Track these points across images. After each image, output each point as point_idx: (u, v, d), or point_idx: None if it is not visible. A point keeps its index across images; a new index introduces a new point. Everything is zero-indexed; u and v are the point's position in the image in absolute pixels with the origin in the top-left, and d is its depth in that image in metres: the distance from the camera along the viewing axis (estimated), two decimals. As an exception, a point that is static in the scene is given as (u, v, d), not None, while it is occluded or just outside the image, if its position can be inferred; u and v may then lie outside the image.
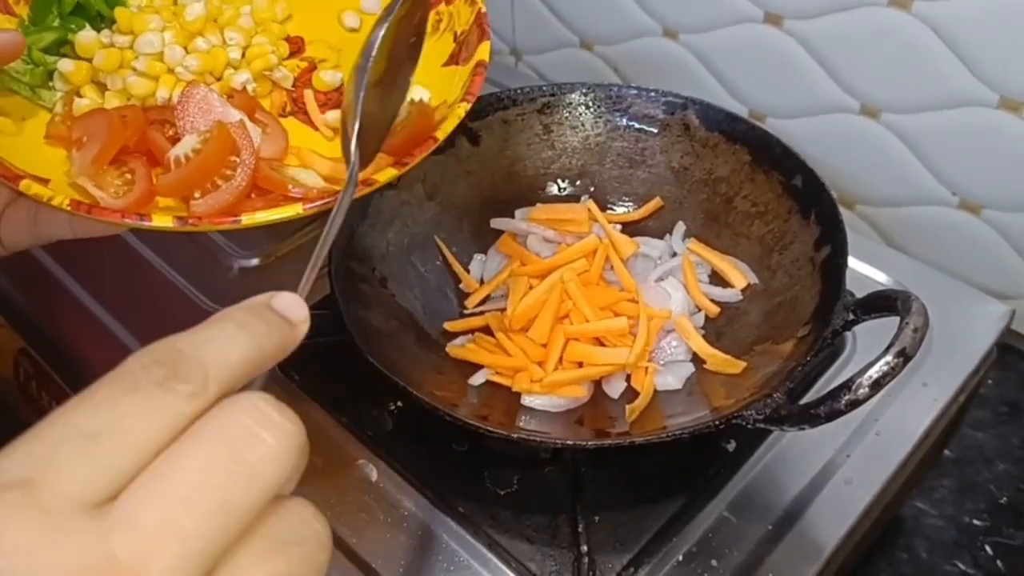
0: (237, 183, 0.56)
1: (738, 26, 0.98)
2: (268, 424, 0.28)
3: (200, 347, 0.29)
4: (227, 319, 0.31)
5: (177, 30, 0.65)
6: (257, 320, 0.31)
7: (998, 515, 0.81)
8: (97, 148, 0.56)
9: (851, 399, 0.54)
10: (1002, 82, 0.82)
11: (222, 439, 0.27)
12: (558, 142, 0.82)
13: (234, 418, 0.28)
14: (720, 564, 0.62)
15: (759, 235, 0.75)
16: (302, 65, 0.69)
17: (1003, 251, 0.90)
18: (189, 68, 0.64)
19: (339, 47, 0.71)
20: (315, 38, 0.71)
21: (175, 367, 0.28)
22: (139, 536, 0.25)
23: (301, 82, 0.68)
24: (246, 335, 0.30)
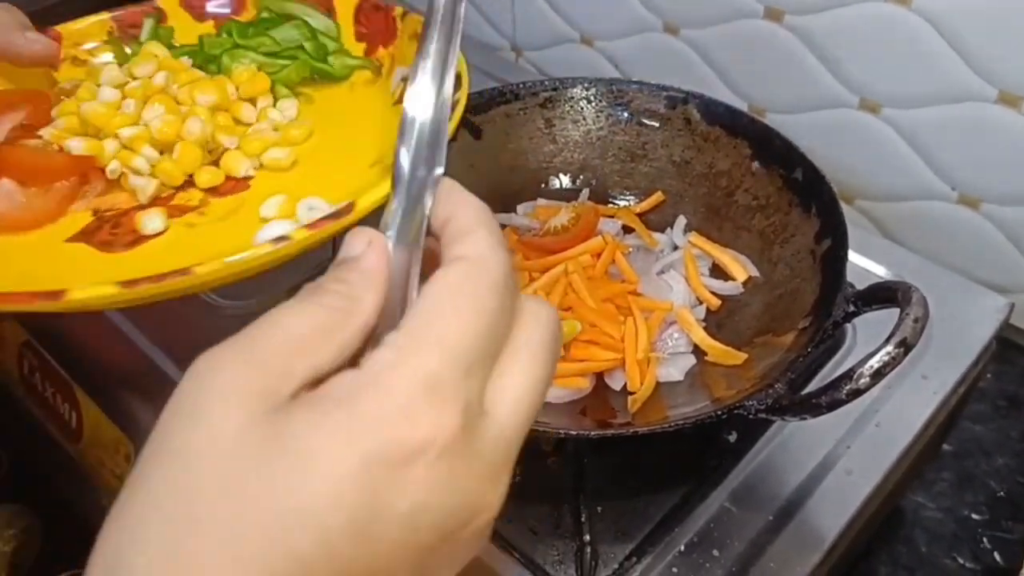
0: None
1: (739, 22, 0.98)
2: (560, 324, 0.34)
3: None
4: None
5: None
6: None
7: (997, 508, 0.82)
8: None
9: (852, 388, 0.54)
10: (1001, 77, 0.82)
11: (551, 353, 0.33)
12: (560, 136, 0.83)
13: (547, 330, 0.33)
14: (722, 554, 0.62)
15: (760, 228, 0.75)
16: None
17: (1002, 245, 0.91)
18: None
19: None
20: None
21: (514, 288, 0.33)
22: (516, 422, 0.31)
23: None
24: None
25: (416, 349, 0.29)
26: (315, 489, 0.26)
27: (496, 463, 0.30)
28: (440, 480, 0.28)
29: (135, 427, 0.72)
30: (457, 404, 0.28)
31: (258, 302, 0.78)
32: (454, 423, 0.28)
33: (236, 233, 0.55)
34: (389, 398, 0.28)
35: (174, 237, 0.57)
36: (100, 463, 0.76)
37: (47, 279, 0.52)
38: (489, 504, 0.31)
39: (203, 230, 0.57)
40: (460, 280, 0.30)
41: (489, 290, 0.30)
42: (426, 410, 0.28)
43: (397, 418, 0.27)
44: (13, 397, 0.86)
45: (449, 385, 0.28)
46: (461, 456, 0.29)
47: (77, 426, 0.77)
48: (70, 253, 0.55)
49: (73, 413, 0.77)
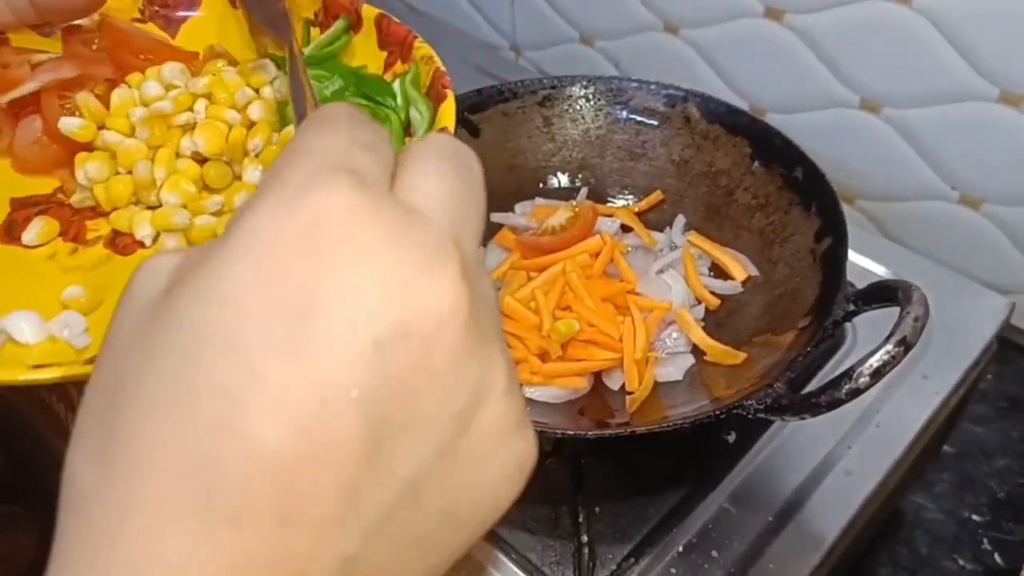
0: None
1: (739, 21, 0.98)
2: (467, 151, 0.32)
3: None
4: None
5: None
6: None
7: (997, 510, 0.81)
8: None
9: (852, 388, 0.54)
10: (1002, 76, 0.82)
11: (451, 155, 0.30)
12: (559, 135, 0.82)
13: (446, 143, 0.31)
14: (721, 555, 0.62)
15: (760, 227, 0.75)
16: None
17: (1003, 246, 0.90)
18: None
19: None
20: None
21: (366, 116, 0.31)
22: (451, 222, 0.27)
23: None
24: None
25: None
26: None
27: (432, 256, 0.26)
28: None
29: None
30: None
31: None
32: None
33: (36, 295, 0.51)
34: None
35: (30, 258, 0.54)
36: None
37: None
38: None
39: (44, 269, 0.54)
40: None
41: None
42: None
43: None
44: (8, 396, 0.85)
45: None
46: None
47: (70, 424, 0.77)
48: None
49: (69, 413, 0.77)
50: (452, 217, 0.28)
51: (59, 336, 0.47)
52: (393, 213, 0.26)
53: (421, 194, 0.28)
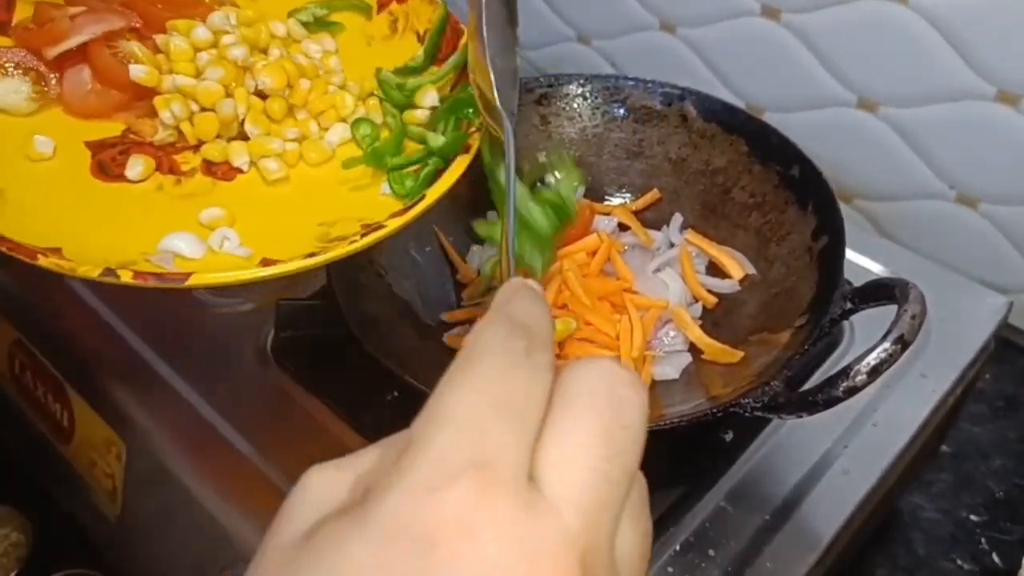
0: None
1: (736, 20, 0.98)
2: (627, 381, 0.30)
3: (533, 318, 0.31)
4: (527, 292, 0.33)
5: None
6: (538, 298, 0.33)
7: (995, 510, 0.81)
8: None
9: (849, 386, 0.54)
10: (1000, 75, 0.82)
11: (605, 403, 0.29)
12: (555, 133, 0.82)
13: (601, 382, 0.29)
14: (717, 554, 0.61)
15: (757, 226, 0.75)
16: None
17: (1000, 245, 0.90)
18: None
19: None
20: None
21: (531, 338, 0.30)
22: (586, 513, 0.26)
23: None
24: (545, 308, 0.32)
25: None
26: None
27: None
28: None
29: (127, 427, 0.71)
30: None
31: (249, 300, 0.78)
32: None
33: (171, 219, 0.57)
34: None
35: (141, 191, 0.59)
36: (91, 463, 0.75)
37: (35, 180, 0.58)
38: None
39: (160, 199, 0.59)
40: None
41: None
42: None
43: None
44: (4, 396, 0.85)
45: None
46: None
47: (68, 425, 0.77)
48: (72, 155, 0.60)
49: (64, 412, 0.77)
50: (591, 511, 0.27)
51: (218, 249, 0.54)
52: (515, 519, 0.25)
53: (558, 477, 0.27)
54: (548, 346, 0.30)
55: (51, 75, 0.62)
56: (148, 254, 0.53)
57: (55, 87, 0.62)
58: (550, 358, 0.30)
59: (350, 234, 0.55)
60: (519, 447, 0.27)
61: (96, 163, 0.60)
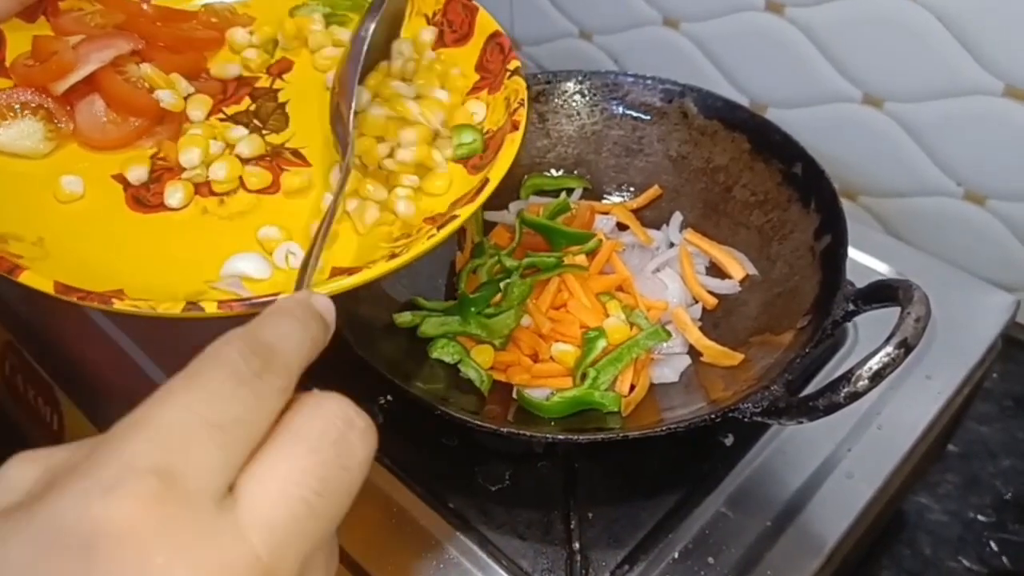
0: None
1: (739, 14, 0.96)
2: (359, 431, 0.30)
3: (281, 341, 0.31)
4: (288, 315, 0.32)
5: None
6: (309, 319, 0.33)
7: (1003, 511, 0.80)
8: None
9: (850, 391, 0.53)
10: (1007, 70, 0.80)
11: (330, 443, 0.29)
12: (553, 131, 0.81)
13: (333, 422, 0.29)
14: (717, 561, 0.60)
15: (758, 224, 0.74)
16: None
17: (1008, 242, 0.89)
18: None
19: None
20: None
21: (268, 360, 0.29)
22: (275, 537, 0.26)
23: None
24: (305, 333, 0.32)
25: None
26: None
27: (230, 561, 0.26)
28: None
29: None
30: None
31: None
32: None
33: (225, 242, 0.55)
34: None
35: (185, 218, 0.57)
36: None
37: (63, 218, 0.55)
38: None
39: (209, 223, 0.57)
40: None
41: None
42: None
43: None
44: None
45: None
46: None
47: (58, 428, 0.76)
48: (104, 191, 0.57)
49: (54, 415, 0.76)
50: (282, 537, 0.27)
51: (284, 266, 0.53)
52: (188, 531, 0.25)
53: (258, 499, 0.27)
54: (286, 371, 0.30)
55: (62, 110, 0.59)
56: (212, 281, 0.52)
57: (68, 122, 0.59)
58: (284, 384, 0.29)
59: (415, 231, 0.54)
60: (218, 465, 0.26)
61: (131, 196, 0.57)
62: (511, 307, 0.67)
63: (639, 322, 0.68)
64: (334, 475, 0.28)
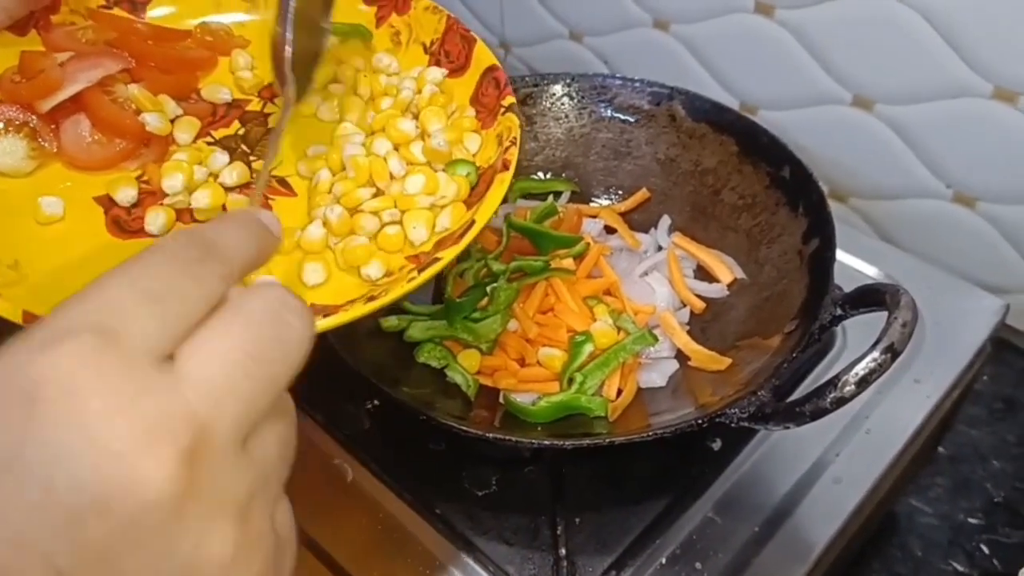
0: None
1: (729, 16, 0.96)
2: (295, 309, 0.31)
3: (223, 237, 0.32)
4: (231, 220, 0.34)
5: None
6: (253, 224, 0.35)
7: (994, 513, 0.80)
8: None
9: (837, 397, 0.53)
10: (997, 71, 0.80)
11: (266, 317, 0.30)
12: (541, 134, 0.81)
13: (269, 300, 0.31)
14: (705, 566, 0.60)
15: (747, 228, 0.73)
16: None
17: (998, 245, 0.89)
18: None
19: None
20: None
21: (209, 249, 0.31)
22: (211, 393, 0.28)
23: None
24: (250, 238, 0.34)
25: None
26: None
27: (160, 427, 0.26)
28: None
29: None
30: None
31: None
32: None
33: None
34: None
35: None
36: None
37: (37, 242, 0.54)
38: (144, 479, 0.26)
39: None
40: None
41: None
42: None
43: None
44: None
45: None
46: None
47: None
48: (84, 214, 0.57)
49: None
50: (218, 394, 0.28)
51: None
52: (125, 381, 0.26)
53: (195, 361, 0.28)
54: (228, 262, 0.31)
55: (47, 129, 0.58)
56: None
57: (52, 141, 0.58)
58: (224, 271, 0.31)
59: (397, 270, 0.54)
60: (154, 330, 0.28)
61: (111, 219, 0.56)
62: (498, 311, 0.67)
63: (626, 326, 0.67)
64: (269, 346, 0.30)
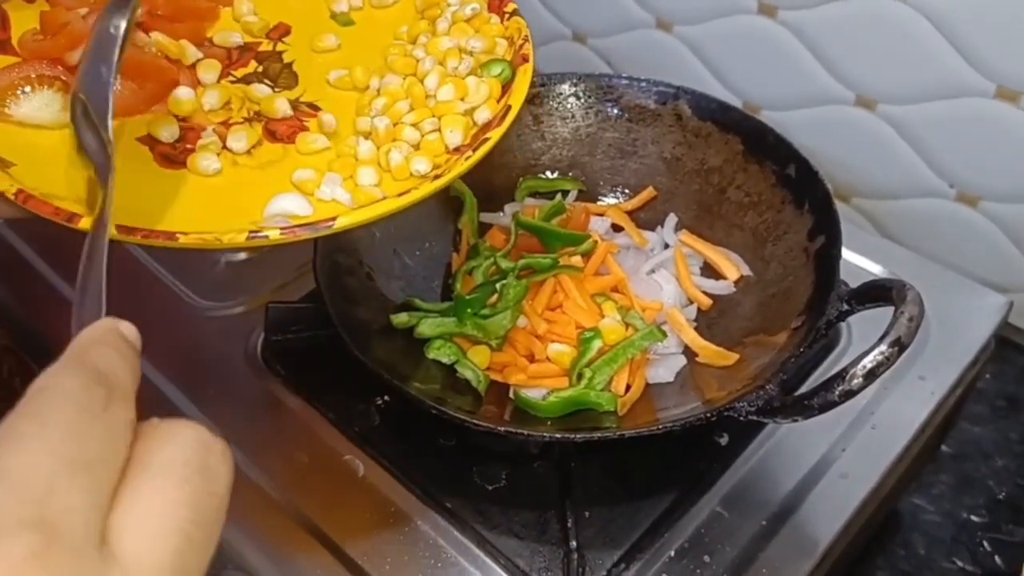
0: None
1: (732, 17, 0.97)
2: (218, 454, 0.29)
3: (113, 370, 0.29)
4: (106, 344, 0.31)
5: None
6: (124, 346, 0.31)
7: (996, 511, 0.80)
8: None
9: (845, 389, 0.53)
10: (1000, 71, 0.81)
11: (194, 473, 0.28)
12: (548, 133, 0.81)
13: (193, 450, 0.28)
14: (713, 560, 0.60)
15: (752, 226, 0.74)
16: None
17: (1001, 243, 0.89)
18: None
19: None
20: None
21: (111, 390, 0.28)
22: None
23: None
24: (126, 361, 0.31)
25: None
26: None
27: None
28: None
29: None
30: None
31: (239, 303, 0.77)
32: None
33: (263, 187, 0.56)
34: None
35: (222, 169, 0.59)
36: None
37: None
38: None
39: (241, 173, 0.58)
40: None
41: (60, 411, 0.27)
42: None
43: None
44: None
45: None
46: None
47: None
48: (131, 153, 0.58)
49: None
50: (168, 572, 0.26)
51: (327, 199, 0.55)
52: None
53: (134, 540, 0.26)
54: (127, 400, 0.29)
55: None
56: (259, 222, 0.53)
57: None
58: (129, 415, 0.28)
59: (444, 163, 0.56)
60: (89, 509, 0.25)
61: (159, 154, 0.58)
62: (507, 308, 0.68)
63: (635, 323, 0.68)
64: (205, 503, 0.28)
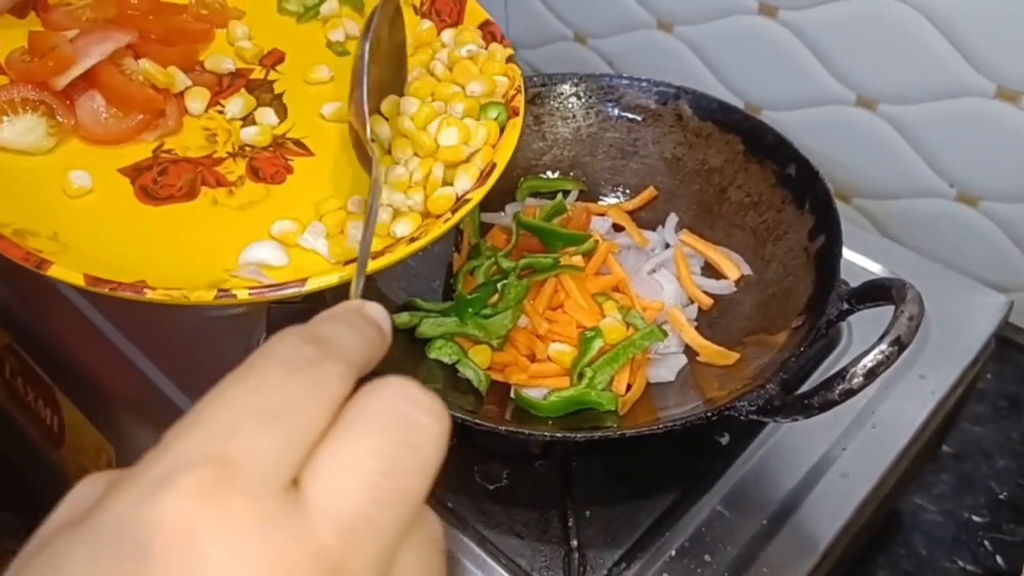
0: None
1: (733, 17, 0.97)
2: (424, 407, 0.28)
3: (336, 336, 0.29)
4: (340, 319, 0.31)
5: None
6: (362, 323, 0.32)
7: (998, 511, 0.80)
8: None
9: (845, 388, 0.53)
10: (1000, 71, 0.81)
11: (393, 423, 0.27)
12: (549, 133, 0.81)
13: (393, 402, 0.28)
14: (714, 559, 0.61)
15: (753, 225, 0.74)
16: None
17: (1002, 243, 0.89)
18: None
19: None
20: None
21: (323, 349, 0.28)
22: (345, 526, 0.25)
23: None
24: (361, 336, 0.31)
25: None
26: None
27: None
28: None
29: (117, 432, 0.71)
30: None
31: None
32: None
33: (240, 232, 0.56)
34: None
35: (197, 209, 0.58)
36: (82, 468, 0.75)
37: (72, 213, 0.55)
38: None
39: (220, 213, 0.58)
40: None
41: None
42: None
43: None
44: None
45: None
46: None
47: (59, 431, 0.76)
48: (112, 185, 0.58)
49: (55, 417, 0.76)
50: (353, 526, 0.25)
51: (308, 247, 0.55)
52: (248, 522, 0.24)
53: (323, 488, 0.25)
54: (344, 360, 0.29)
55: (63, 106, 0.59)
56: (232, 270, 0.52)
57: (69, 118, 0.59)
58: (342, 370, 0.28)
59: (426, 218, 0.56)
60: (275, 453, 0.25)
61: (139, 188, 0.57)
62: (508, 308, 0.68)
63: (635, 322, 0.68)
64: (399, 454, 0.27)
